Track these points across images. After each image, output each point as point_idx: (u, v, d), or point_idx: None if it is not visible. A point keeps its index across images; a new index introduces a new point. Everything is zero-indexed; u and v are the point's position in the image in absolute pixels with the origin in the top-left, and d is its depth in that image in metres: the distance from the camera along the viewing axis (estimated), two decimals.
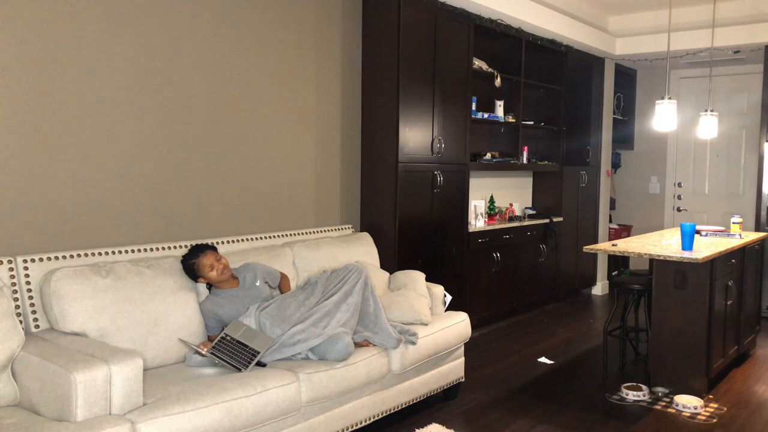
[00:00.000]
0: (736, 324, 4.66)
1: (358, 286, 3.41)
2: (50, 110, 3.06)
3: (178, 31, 3.57)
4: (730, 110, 7.52)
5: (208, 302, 3.28)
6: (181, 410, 2.52)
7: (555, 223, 6.47)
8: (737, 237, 4.79)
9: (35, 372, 2.49)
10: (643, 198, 8.22)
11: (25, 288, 2.84)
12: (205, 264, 3.23)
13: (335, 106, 4.60)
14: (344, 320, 3.28)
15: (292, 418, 2.95)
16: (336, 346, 3.11)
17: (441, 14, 4.93)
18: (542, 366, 4.76)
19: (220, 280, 3.27)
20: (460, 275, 5.25)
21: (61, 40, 3.08)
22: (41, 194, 3.05)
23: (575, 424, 3.71)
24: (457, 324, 3.96)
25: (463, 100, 5.22)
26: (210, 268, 3.23)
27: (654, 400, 4.06)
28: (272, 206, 4.16)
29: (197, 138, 3.70)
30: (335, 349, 3.11)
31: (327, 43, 4.49)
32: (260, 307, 3.25)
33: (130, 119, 3.38)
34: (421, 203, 4.86)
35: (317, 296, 3.39)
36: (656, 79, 7.88)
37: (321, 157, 4.50)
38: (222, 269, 3.25)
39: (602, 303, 7.04)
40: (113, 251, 3.20)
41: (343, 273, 3.47)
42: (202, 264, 3.23)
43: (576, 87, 6.76)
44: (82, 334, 2.81)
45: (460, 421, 3.73)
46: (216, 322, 3.26)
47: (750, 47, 6.41)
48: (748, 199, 7.36)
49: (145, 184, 3.46)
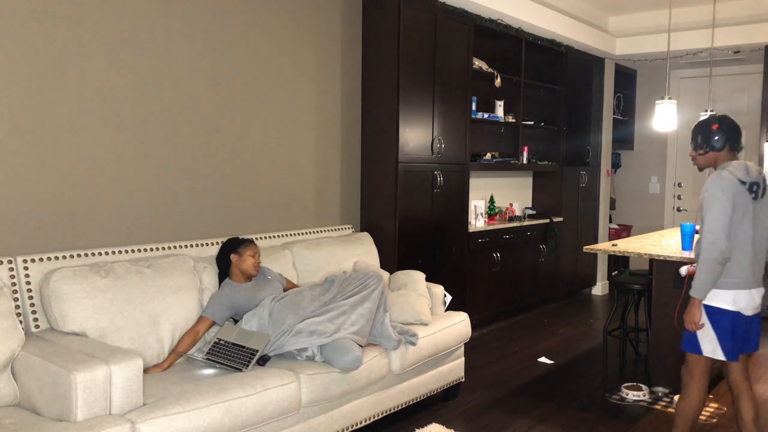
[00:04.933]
0: None
1: (375, 293, 3.40)
2: (50, 110, 3.06)
3: (179, 32, 3.57)
4: (730, 110, 7.51)
5: (227, 288, 3.33)
6: (181, 410, 2.52)
7: (555, 223, 6.47)
8: None
9: (35, 372, 2.49)
10: (643, 198, 8.22)
11: (25, 288, 2.84)
12: (251, 248, 3.40)
13: (335, 106, 4.59)
14: (359, 327, 3.26)
15: (292, 418, 2.94)
16: (345, 358, 3.08)
17: (441, 14, 4.93)
18: (542, 366, 4.76)
19: (251, 271, 3.39)
20: (460, 275, 5.24)
21: (61, 40, 3.08)
22: (41, 194, 3.05)
23: (575, 424, 3.71)
24: (457, 324, 3.96)
25: (463, 100, 5.21)
26: (251, 256, 3.39)
27: (654, 400, 4.06)
28: (272, 206, 4.16)
29: (197, 138, 3.70)
30: (343, 360, 3.08)
31: (327, 43, 4.49)
32: (275, 298, 3.33)
33: (130, 119, 3.38)
34: (421, 203, 4.86)
35: (332, 293, 3.41)
36: (656, 79, 7.88)
37: (321, 157, 4.50)
38: (258, 263, 3.42)
39: (602, 303, 7.04)
40: (113, 251, 3.20)
41: (363, 278, 3.46)
42: (249, 248, 3.40)
43: (576, 87, 6.76)
44: (82, 334, 2.81)
45: (460, 421, 3.73)
46: (228, 309, 3.28)
47: (750, 47, 6.41)
48: None
49: (145, 184, 3.46)
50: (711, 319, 2.85)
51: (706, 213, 2.81)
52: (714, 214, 2.77)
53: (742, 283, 2.84)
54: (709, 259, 2.75)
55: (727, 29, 6.18)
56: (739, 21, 6.20)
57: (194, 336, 3.15)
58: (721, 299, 2.83)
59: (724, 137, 2.91)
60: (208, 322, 3.22)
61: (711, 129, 2.92)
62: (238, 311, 3.32)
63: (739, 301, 2.84)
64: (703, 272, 2.78)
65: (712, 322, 2.85)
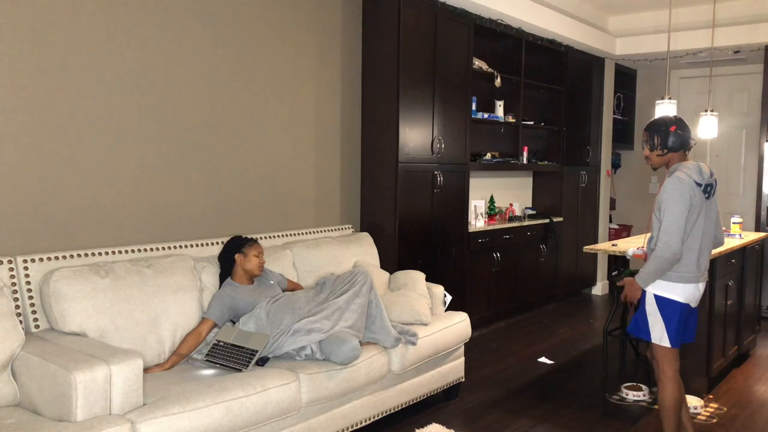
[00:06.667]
0: (736, 324, 4.66)
1: (364, 288, 3.46)
2: (50, 111, 3.06)
3: (178, 32, 3.57)
4: (730, 110, 7.52)
5: (228, 288, 3.34)
6: (181, 410, 2.52)
7: (555, 223, 6.47)
8: (737, 237, 4.79)
9: (35, 372, 2.49)
10: (643, 198, 8.21)
11: (25, 288, 2.84)
12: (255, 248, 3.42)
13: (335, 106, 4.59)
14: (352, 321, 3.30)
15: (292, 418, 2.94)
16: (343, 348, 3.10)
17: (441, 14, 4.93)
18: (542, 366, 4.76)
19: (255, 272, 3.41)
20: (460, 275, 5.24)
21: (62, 40, 3.08)
22: (41, 194, 3.05)
23: (575, 424, 3.71)
24: (457, 324, 3.96)
25: (463, 100, 5.21)
26: (256, 256, 3.40)
27: (654, 400, 4.06)
28: (272, 206, 4.16)
29: (197, 138, 3.70)
30: (342, 351, 3.10)
31: (327, 43, 4.49)
32: (271, 300, 3.35)
33: (130, 119, 3.38)
34: (421, 203, 4.86)
35: (325, 293, 3.46)
36: (656, 79, 7.87)
37: (321, 157, 4.50)
38: (262, 263, 3.45)
39: (602, 303, 7.04)
40: (113, 251, 3.20)
41: (350, 276, 3.52)
42: (253, 247, 3.41)
43: (576, 87, 6.76)
44: (82, 334, 2.81)
45: (460, 421, 3.73)
46: (228, 310, 3.28)
47: (750, 47, 6.41)
48: (748, 199, 7.35)
49: (145, 185, 3.46)
50: (661, 309, 3.04)
51: (663, 214, 2.96)
52: (671, 215, 2.92)
53: (692, 277, 3.02)
54: (661, 257, 2.94)
55: (727, 29, 6.18)
56: (739, 21, 6.20)
57: (197, 337, 3.16)
58: (672, 291, 3.02)
59: (680, 139, 3.05)
60: (210, 323, 3.22)
61: (669, 131, 3.05)
62: (237, 313, 3.32)
63: (688, 293, 3.03)
64: (652, 267, 2.98)
65: (661, 311, 3.04)
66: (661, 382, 3.13)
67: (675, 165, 3.06)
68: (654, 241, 3.04)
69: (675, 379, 3.10)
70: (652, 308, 3.06)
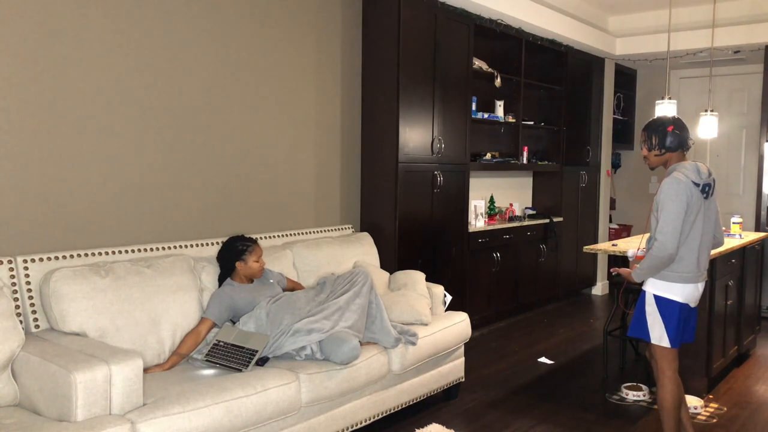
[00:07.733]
0: (736, 324, 4.66)
1: (365, 288, 3.45)
2: (50, 111, 3.06)
3: (179, 32, 3.57)
4: (730, 110, 7.52)
5: (228, 288, 3.34)
6: (181, 410, 2.52)
7: (555, 223, 6.47)
8: (737, 237, 4.79)
9: (35, 372, 2.49)
10: (643, 198, 8.21)
11: (25, 288, 2.84)
12: (255, 253, 3.41)
13: (335, 106, 4.59)
14: (352, 321, 3.30)
15: (292, 418, 2.94)
16: (342, 348, 3.10)
17: (441, 14, 4.93)
18: (542, 366, 4.76)
19: (254, 274, 3.42)
20: (460, 275, 5.24)
21: (62, 40, 3.08)
22: (41, 194, 3.05)
23: (575, 424, 3.71)
24: (457, 324, 3.96)
25: (463, 100, 5.21)
26: (256, 259, 3.40)
27: (654, 400, 4.06)
28: (272, 206, 4.16)
29: (197, 138, 3.70)
30: (342, 351, 3.10)
31: (327, 43, 4.49)
32: (271, 300, 3.35)
33: (130, 120, 3.38)
34: (421, 203, 4.86)
35: (326, 293, 3.46)
36: (656, 79, 7.88)
37: (321, 157, 4.50)
38: (262, 266, 3.45)
39: (602, 303, 7.04)
40: (113, 251, 3.20)
41: (351, 276, 3.52)
42: (253, 253, 3.40)
43: (576, 87, 6.76)
44: (82, 334, 2.81)
45: (460, 421, 3.73)
46: (227, 309, 3.28)
47: (750, 47, 6.41)
48: (748, 199, 7.35)
49: (145, 185, 3.46)
50: (660, 309, 3.05)
51: (660, 214, 2.97)
52: (668, 215, 2.93)
53: (691, 277, 3.03)
54: (657, 257, 2.95)
55: (727, 29, 6.19)
56: (739, 21, 6.20)
57: (196, 337, 3.16)
58: (671, 291, 3.03)
59: (678, 139, 3.05)
60: (209, 323, 3.22)
61: (666, 131, 3.05)
62: (236, 313, 3.32)
63: (687, 293, 3.05)
64: (647, 264, 3.01)
65: (660, 311, 3.05)
66: (661, 382, 3.13)
67: (673, 165, 3.06)
68: (652, 241, 3.05)
69: (674, 379, 3.11)
70: (651, 308, 3.06)
